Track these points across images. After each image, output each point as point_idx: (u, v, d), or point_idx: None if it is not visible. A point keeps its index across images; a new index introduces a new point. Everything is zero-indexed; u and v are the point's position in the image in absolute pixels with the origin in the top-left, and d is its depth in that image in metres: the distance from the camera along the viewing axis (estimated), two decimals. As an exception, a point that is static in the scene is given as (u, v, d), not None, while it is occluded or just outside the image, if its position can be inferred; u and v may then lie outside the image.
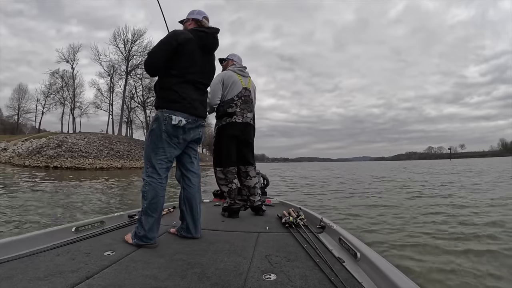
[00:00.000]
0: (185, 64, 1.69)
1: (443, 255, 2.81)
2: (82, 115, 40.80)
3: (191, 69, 1.70)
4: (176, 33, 1.70)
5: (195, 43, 1.72)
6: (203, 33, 1.78)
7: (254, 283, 1.09)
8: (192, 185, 1.81)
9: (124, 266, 1.25)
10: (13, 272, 1.13)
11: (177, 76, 1.67)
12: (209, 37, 1.81)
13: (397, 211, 5.19)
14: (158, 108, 1.68)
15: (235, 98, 2.51)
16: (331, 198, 7.27)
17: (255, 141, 2.70)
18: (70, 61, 37.85)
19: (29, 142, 29.30)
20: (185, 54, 1.68)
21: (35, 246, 1.43)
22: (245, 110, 2.53)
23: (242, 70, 2.64)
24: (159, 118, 1.64)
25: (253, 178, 2.61)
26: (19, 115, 42.95)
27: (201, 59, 1.77)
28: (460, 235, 3.47)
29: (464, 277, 2.30)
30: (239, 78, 2.57)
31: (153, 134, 1.65)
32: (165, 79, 1.69)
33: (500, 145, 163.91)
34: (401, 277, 0.98)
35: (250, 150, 2.65)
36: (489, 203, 5.74)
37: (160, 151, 1.64)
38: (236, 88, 2.52)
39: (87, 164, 24.17)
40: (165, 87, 1.68)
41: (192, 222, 1.77)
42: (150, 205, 1.58)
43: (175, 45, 1.65)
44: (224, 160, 2.50)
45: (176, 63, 1.68)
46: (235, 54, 2.80)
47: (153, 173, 1.62)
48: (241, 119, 2.50)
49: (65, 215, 4.67)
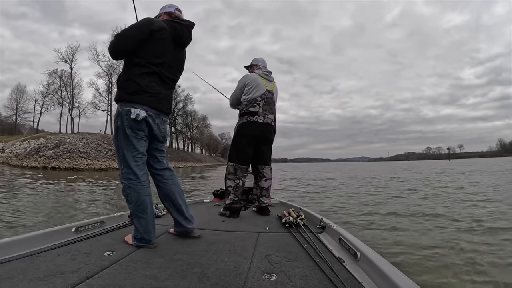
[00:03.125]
0: (153, 53, 1.57)
1: (444, 254, 2.81)
2: (80, 115, 40.73)
3: (158, 60, 1.58)
4: (150, 20, 1.59)
5: (168, 34, 1.62)
6: (177, 24, 1.68)
7: (254, 283, 1.09)
8: (165, 180, 1.73)
9: (124, 266, 1.25)
10: (13, 272, 1.13)
11: (141, 66, 1.55)
12: (184, 29, 1.69)
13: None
14: (117, 102, 1.57)
15: (258, 99, 2.57)
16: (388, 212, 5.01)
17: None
18: (68, 61, 37.86)
19: (27, 143, 29.22)
20: (155, 43, 1.56)
21: (35, 246, 1.42)
22: (267, 111, 2.60)
23: (267, 74, 2.72)
24: (120, 113, 1.54)
25: (268, 180, 2.69)
26: (17, 116, 42.84)
27: (172, 52, 1.66)
28: (470, 239, 3.31)
29: (464, 277, 2.31)
30: (263, 81, 2.64)
31: (119, 132, 1.55)
32: (128, 69, 1.57)
33: (499, 146, 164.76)
34: (401, 277, 0.98)
35: (268, 150, 2.73)
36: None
37: (131, 148, 1.55)
38: (260, 90, 2.59)
39: (86, 165, 24.09)
40: (127, 78, 1.56)
41: (180, 215, 1.72)
42: (137, 207, 1.54)
43: (147, 32, 1.54)
44: (238, 157, 2.55)
45: (143, 51, 1.55)
46: (258, 59, 2.86)
47: (130, 174, 1.54)
48: (263, 119, 2.56)
49: (64, 216, 4.65)
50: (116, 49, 1.57)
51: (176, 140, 53.67)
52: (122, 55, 1.59)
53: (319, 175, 19.52)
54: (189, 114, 57.86)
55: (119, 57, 1.60)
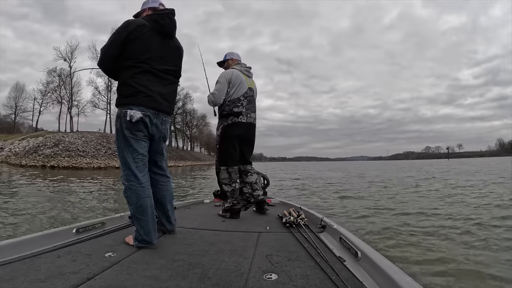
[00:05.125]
0: (139, 52, 1.57)
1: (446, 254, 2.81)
2: (79, 114, 40.56)
3: (145, 56, 1.58)
4: (126, 22, 1.59)
5: (149, 28, 1.61)
6: (157, 15, 1.67)
7: (255, 283, 1.10)
8: (160, 185, 1.77)
9: (125, 267, 1.25)
10: (14, 273, 1.13)
11: (131, 67, 1.56)
12: (165, 18, 1.67)
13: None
14: (117, 106, 1.60)
15: (241, 98, 2.52)
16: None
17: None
18: (67, 60, 37.67)
19: (26, 141, 29.11)
20: (137, 42, 1.56)
21: (36, 248, 1.42)
22: (250, 110, 2.56)
23: (248, 70, 2.66)
24: (119, 116, 1.57)
25: (253, 174, 2.66)
26: (16, 114, 42.62)
27: (160, 44, 1.65)
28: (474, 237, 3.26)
29: (465, 277, 2.31)
30: (245, 78, 2.58)
31: (118, 134, 1.59)
32: (121, 74, 1.59)
33: (498, 145, 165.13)
34: (402, 276, 0.99)
35: (250, 150, 2.69)
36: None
37: (130, 149, 1.56)
38: (242, 88, 2.53)
39: (85, 164, 24.06)
40: (121, 82, 1.59)
41: (166, 219, 1.79)
42: (137, 208, 1.55)
43: (125, 35, 1.55)
44: (230, 159, 2.52)
45: (128, 53, 1.56)
46: (233, 53, 2.76)
47: (130, 176, 1.56)
48: (246, 119, 2.53)
49: (64, 216, 4.64)
50: (103, 65, 1.62)
51: (176, 138, 53.57)
52: (111, 69, 1.64)
53: (330, 174, 18.33)
54: (188, 113, 57.76)
55: (110, 72, 1.66)
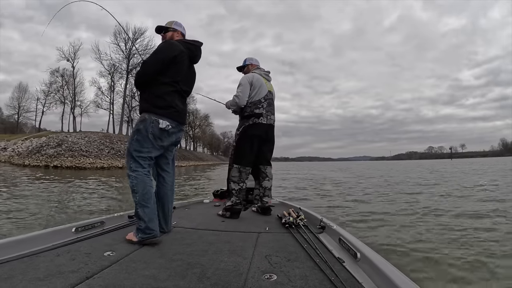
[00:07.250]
0: (176, 74, 1.81)
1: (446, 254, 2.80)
2: (82, 114, 40.80)
3: (179, 79, 1.83)
4: (172, 45, 1.82)
5: (186, 55, 1.87)
6: (192, 46, 1.94)
7: (254, 283, 1.09)
8: (165, 183, 1.90)
9: (124, 267, 1.25)
10: (13, 272, 1.13)
11: (168, 85, 1.79)
12: (198, 50, 1.98)
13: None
14: (145, 111, 1.76)
15: (262, 100, 2.61)
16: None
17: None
18: (70, 60, 37.87)
19: (29, 141, 29.36)
20: (177, 65, 1.81)
21: (35, 246, 1.43)
22: (269, 112, 2.65)
23: (267, 74, 2.77)
24: (146, 120, 1.72)
25: (270, 180, 2.72)
26: (19, 114, 42.98)
27: (188, 68, 1.92)
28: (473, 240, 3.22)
29: (465, 278, 2.30)
30: (264, 81, 2.67)
31: (139, 134, 1.72)
32: (156, 87, 1.78)
33: (501, 145, 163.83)
34: (401, 277, 0.98)
35: (270, 150, 2.77)
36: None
37: (145, 150, 1.71)
38: (263, 91, 2.63)
39: (88, 164, 24.17)
40: (156, 94, 1.77)
41: (164, 219, 1.85)
42: (143, 196, 1.65)
43: (171, 57, 1.77)
44: (245, 159, 2.57)
45: (168, 72, 1.78)
46: (252, 58, 2.86)
47: (138, 167, 1.69)
48: (266, 121, 2.61)
49: (64, 215, 4.66)
50: (143, 78, 1.78)
51: (178, 139, 53.60)
52: (147, 82, 1.79)
53: (338, 175, 17.58)
54: (191, 113, 57.93)
55: (145, 84, 1.80)
